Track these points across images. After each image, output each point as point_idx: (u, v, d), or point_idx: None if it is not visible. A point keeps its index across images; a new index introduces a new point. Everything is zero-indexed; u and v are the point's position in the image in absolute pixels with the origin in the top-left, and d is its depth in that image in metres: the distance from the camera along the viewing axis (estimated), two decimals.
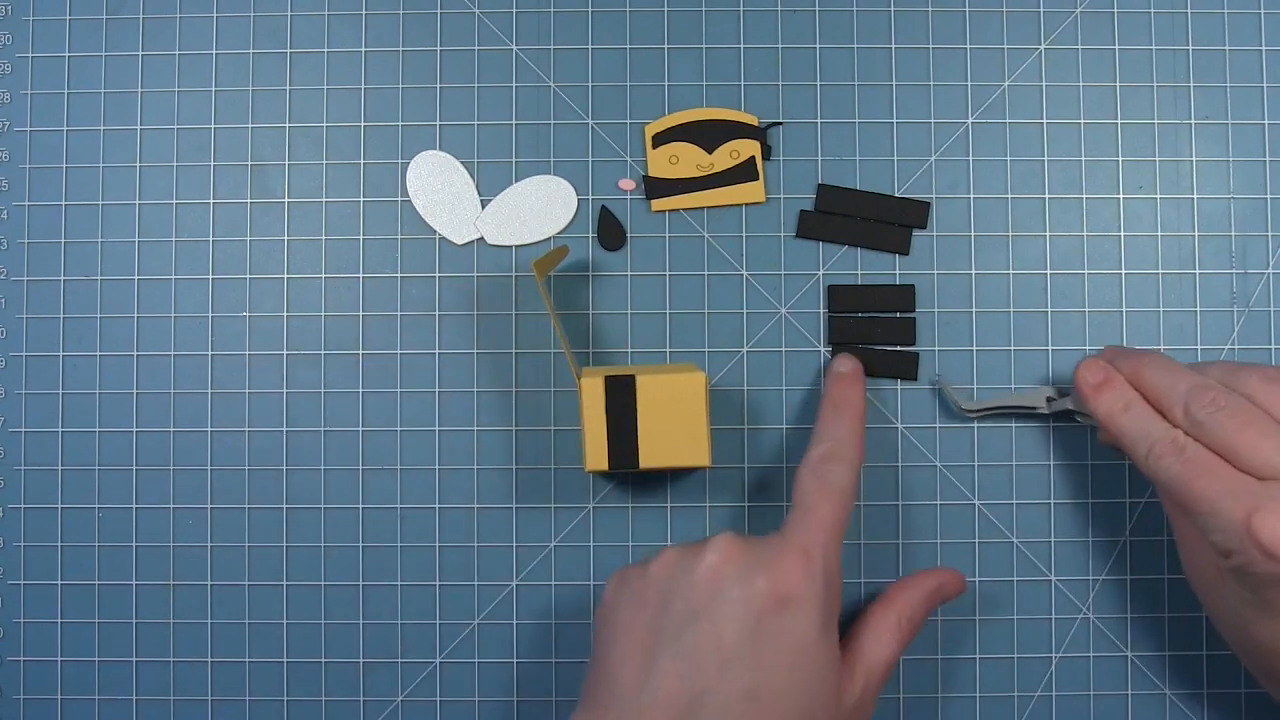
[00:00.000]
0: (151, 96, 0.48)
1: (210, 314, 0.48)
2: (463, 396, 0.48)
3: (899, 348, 0.48)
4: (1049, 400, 0.46)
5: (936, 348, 0.48)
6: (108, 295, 0.48)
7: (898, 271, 0.48)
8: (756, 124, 0.48)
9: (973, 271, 0.48)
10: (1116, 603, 0.47)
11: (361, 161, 0.48)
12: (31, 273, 0.48)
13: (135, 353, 0.48)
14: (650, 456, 0.42)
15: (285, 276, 0.48)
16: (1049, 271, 0.48)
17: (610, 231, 0.48)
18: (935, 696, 0.47)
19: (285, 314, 0.48)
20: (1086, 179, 0.48)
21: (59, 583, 0.48)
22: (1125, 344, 0.47)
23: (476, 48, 0.48)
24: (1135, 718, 0.47)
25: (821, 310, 0.48)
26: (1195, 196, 0.48)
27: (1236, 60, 0.48)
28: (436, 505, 0.47)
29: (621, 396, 0.42)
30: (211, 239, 0.48)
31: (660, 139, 0.48)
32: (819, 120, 0.48)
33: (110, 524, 0.48)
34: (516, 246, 0.48)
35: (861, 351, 0.47)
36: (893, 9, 0.48)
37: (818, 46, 0.48)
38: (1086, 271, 0.48)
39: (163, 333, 0.48)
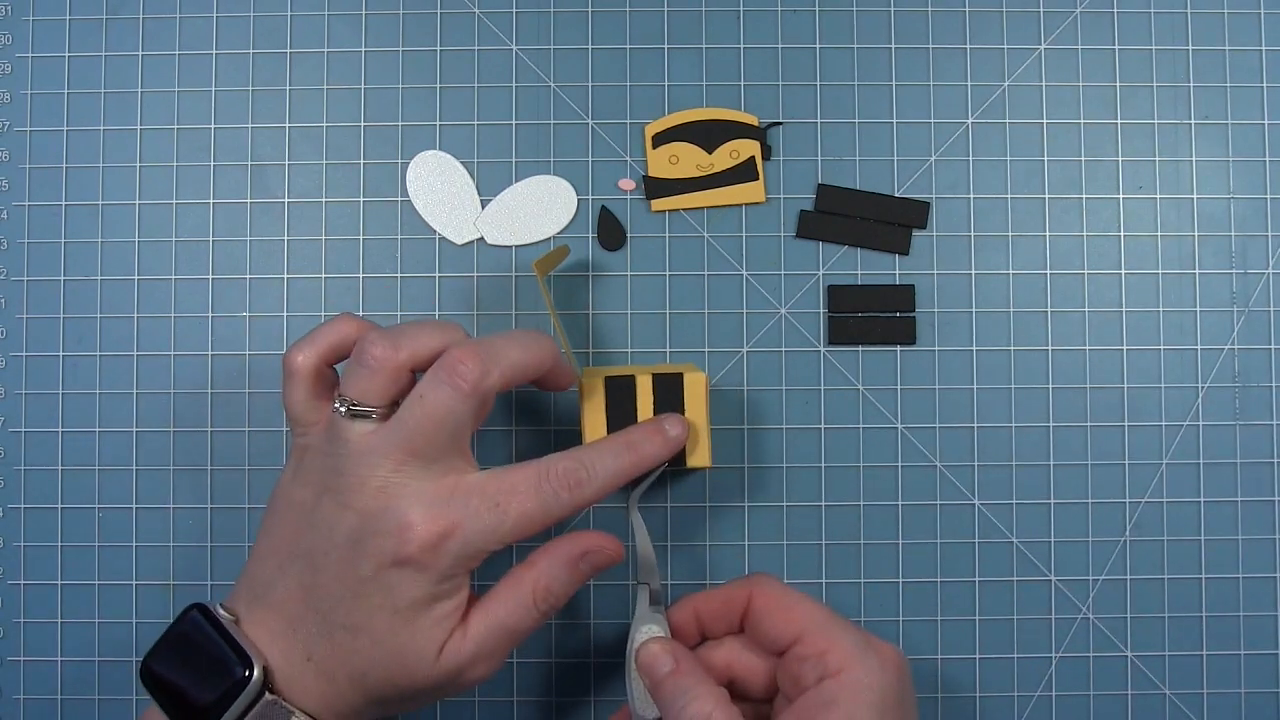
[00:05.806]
0: (151, 96, 0.48)
1: (210, 314, 0.48)
2: None
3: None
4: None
5: (936, 348, 0.48)
6: (108, 295, 0.48)
7: (898, 271, 0.48)
8: (756, 124, 0.48)
9: (973, 271, 0.48)
10: (1116, 603, 0.47)
11: (361, 161, 0.48)
12: (31, 273, 0.48)
13: (135, 353, 0.48)
14: None
15: (285, 276, 0.48)
16: (1049, 271, 0.48)
17: (610, 231, 0.48)
18: (935, 696, 0.47)
19: (285, 314, 0.48)
20: (1086, 179, 0.48)
21: (59, 583, 0.48)
22: (1125, 343, 0.48)
23: (476, 48, 0.48)
24: (1135, 718, 0.47)
25: (821, 310, 0.48)
26: (1195, 196, 0.48)
27: (1236, 60, 0.48)
28: None
29: (621, 396, 0.42)
30: (211, 239, 0.48)
31: (660, 139, 0.48)
32: (819, 120, 0.48)
33: (110, 524, 0.48)
34: (516, 246, 0.48)
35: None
36: (893, 9, 0.48)
37: (818, 46, 0.48)
38: (1086, 271, 0.48)
39: (163, 333, 0.48)
